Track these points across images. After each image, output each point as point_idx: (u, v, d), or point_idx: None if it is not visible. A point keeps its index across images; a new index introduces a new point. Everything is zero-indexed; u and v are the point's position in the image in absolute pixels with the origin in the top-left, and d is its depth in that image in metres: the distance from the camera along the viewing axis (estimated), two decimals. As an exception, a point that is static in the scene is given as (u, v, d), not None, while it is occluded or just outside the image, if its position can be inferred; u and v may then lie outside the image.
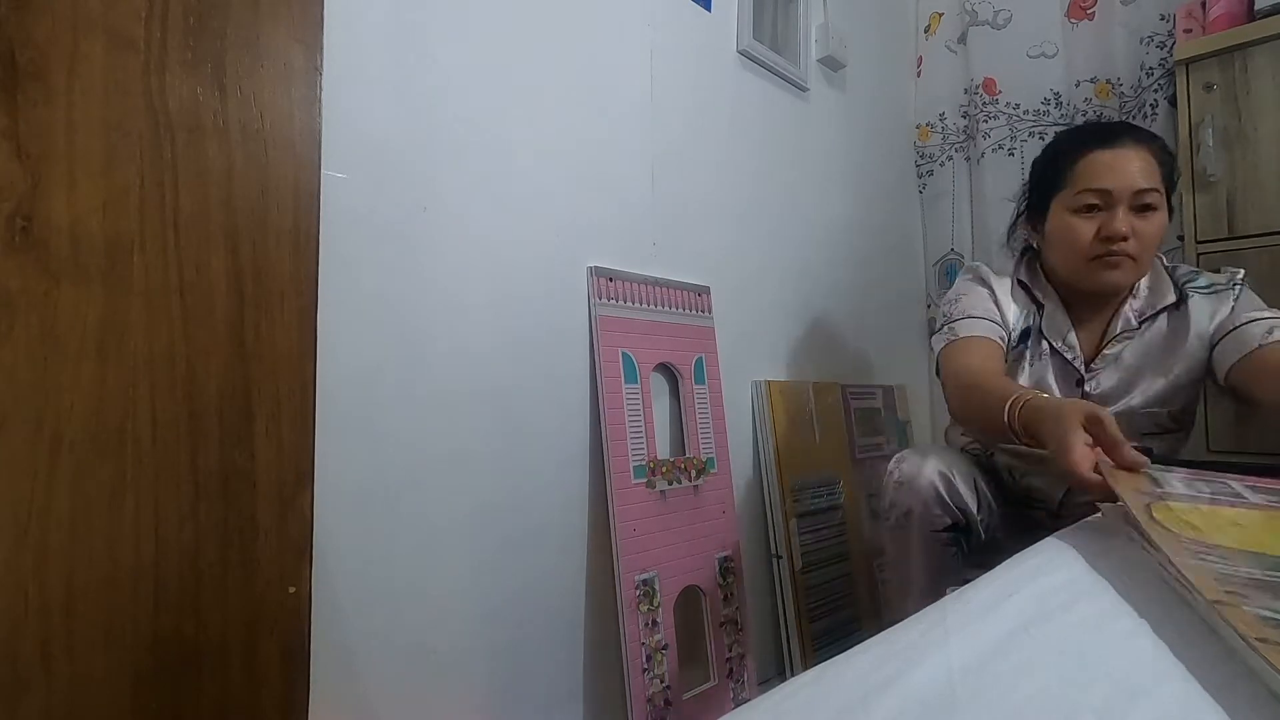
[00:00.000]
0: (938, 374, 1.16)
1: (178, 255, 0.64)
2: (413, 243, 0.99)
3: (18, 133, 0.56)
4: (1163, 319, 1.10)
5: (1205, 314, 1.08)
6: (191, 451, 0.64)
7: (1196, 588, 0.45)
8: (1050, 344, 1.14)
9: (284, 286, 0.71)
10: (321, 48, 0.75)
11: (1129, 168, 1.04)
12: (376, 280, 0.95)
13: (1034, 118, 1.98)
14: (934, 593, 1.07)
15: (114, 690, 0.59)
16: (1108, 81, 1.83)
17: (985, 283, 1.18)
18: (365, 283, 0.94)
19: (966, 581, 0.55)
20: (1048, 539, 0.67)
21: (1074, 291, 1.13)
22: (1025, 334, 1.15)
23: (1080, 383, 1.12)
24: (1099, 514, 0.74)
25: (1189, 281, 1.10)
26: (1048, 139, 1.92)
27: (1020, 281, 1.17)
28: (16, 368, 0.55)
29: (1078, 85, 1.87)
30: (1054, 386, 1.13)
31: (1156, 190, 1.04)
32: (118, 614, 0.59)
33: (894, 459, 1.14)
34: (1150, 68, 1.74)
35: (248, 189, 0.69)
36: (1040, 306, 1.15)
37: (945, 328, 1.15)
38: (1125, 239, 1.03)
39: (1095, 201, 1.05)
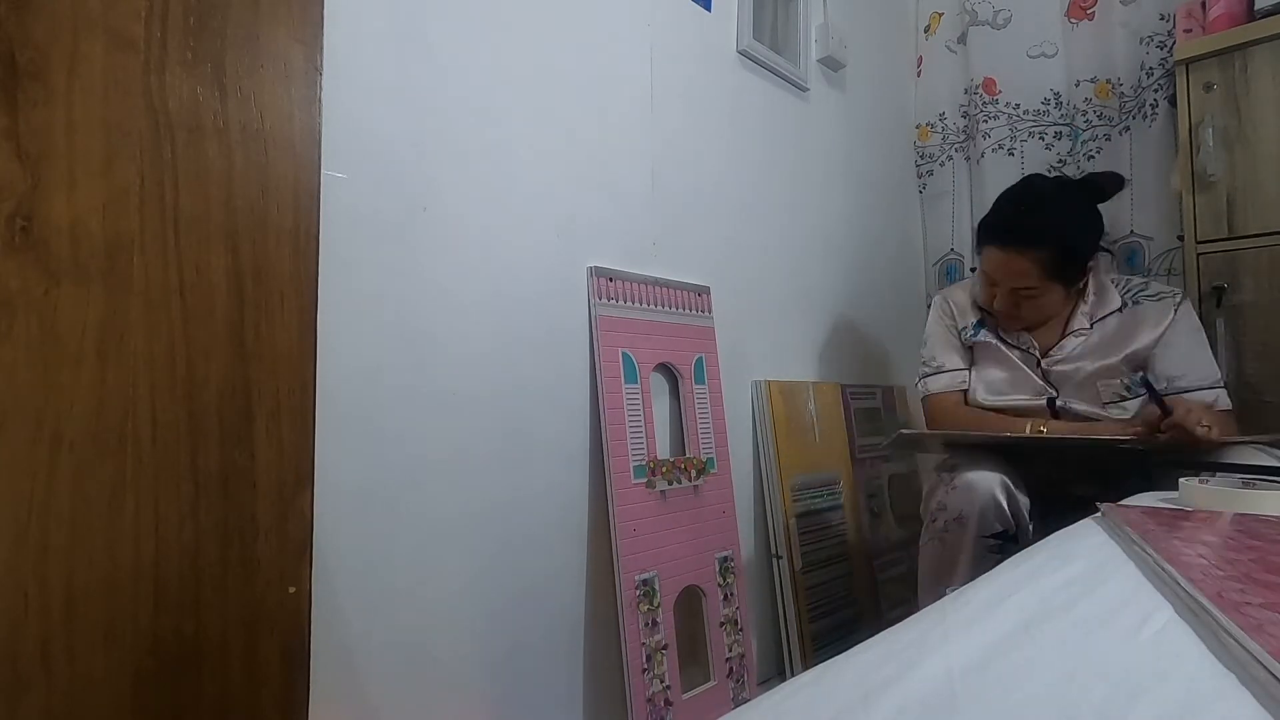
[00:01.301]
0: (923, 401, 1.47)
1: (178, 255, 0.64)
2: (413, 243, 0.99)
3: (18, 133, 0.56)
4: (1113, 319, 1.31)
5: (1153, 315, 1.27)
6: (191, 451, 0.64)
7: (1193, 586, 0.45)
8: (1006, 340, 1.36)
9: (284, 286, 0.71)
10: (321, 48, 0.75)
11: (1010, 269, 1.27)
12: (376, 280, 0.95)
13: (1034, 118, 1.98)
14: None
15: (114, 690, 0.59)
16: (1108, 81, 1.83)
17: (947, 310, 1.45)
18: (365, 283, 0.94)
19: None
20: (1048, 539, 0.67)
21: None
22: (981, 322, 1.40)
23: (1039, 363, 1.34)
24: (1099, 513, 0.75)
25: (1140, 291, 1.31)
26: (1048, 139, 1.94)
27: (978, 305, 1.42)
28: (16, 368, 0.55)
29: (1078, 85, 1.87)
30: (1017, 361, 1.35)
31: (1033, 287, 1.26)
32: (118, 614, 0.59)
33: (939, 464, 1.28)
34: (1150, 68, 1.74)
35: (248, 189, 0.69)
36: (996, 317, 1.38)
37: (920, 379, 1.45)
38: (1007, 314, 1.31)
39: (990, 283, 1.31)
